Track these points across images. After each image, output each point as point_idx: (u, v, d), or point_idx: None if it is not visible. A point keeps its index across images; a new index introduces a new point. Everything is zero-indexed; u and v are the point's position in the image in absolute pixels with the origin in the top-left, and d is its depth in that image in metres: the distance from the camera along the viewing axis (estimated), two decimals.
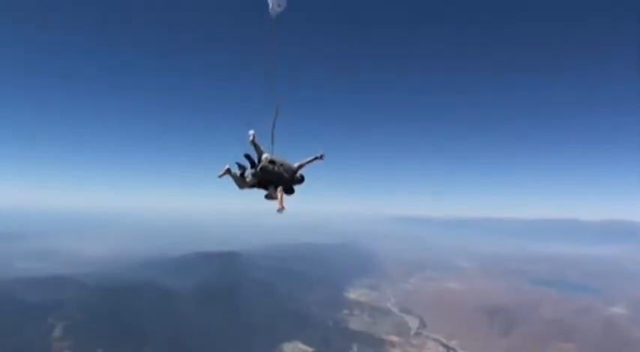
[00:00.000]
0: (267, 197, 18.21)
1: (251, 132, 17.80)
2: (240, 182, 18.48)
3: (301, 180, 18.48)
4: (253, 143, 17.95)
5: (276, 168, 18.15)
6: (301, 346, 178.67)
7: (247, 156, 18.36)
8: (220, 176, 18.51)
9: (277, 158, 18.17)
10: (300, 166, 18.65)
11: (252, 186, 18.54)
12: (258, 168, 18.30)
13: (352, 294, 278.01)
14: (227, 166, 18.43)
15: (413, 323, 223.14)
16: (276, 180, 18.16)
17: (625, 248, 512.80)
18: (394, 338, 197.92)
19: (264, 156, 18.28)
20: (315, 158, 18.70)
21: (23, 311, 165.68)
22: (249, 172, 18.55)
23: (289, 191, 18.26)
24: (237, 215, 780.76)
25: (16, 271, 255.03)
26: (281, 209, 17.72)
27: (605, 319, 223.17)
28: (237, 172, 18.59)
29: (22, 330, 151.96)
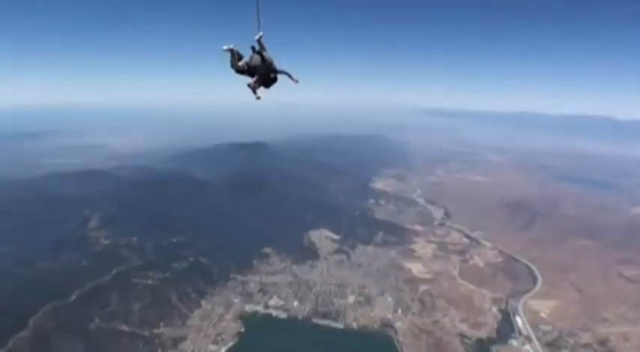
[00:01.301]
0: (249, 86, 20.02)
1: (260, 33, 19.58)
2: (234, 62, 20.04)
3: (274, 80, 20.56)
4: (259, 41, 19.78)
5: (262, 66, 20.12)
6: (327, 233, 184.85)
7: (252, 48, 20.12)
8: (224, 50, 19.90)
9: (268, 57, 20.01)
10: (280, 71, 20.59)
11: (242, 71, 20.17)
12: (250, 59, 20.12)
13: (378, 185, 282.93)
14: (232, 46, 20.03)
15: (437, 213, 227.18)
16: (260, 72, 20.09)
17: None
18: (418, 228, 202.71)
19: (265, 55, 20.09)
20: (290, 77, 20.88)
21: (59, 205, 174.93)
22: (245, 60, 20.12)
23: (266, 85, 20.48)
24: (262, 106, 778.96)
25: (52, 167, 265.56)
26: (258, 97, 20.41)
27: (627, 218, 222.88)
28: (237, 55, 20.15)
29: (60, 223, 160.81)
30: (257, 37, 19.60)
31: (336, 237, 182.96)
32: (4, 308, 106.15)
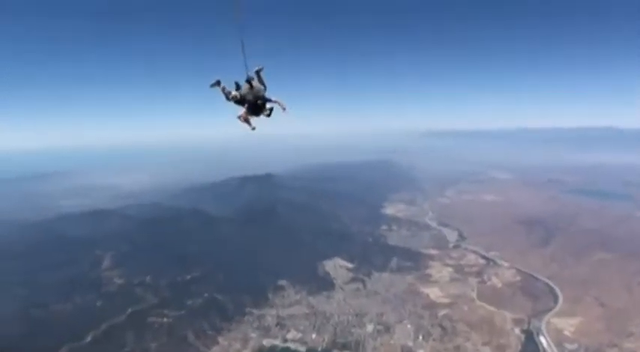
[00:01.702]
0: (239, 117, 19.74)
1: (260, 66, 19.48)
2: (227, 94, 19.89)
3: (263, 108, 19.87)
4: (258, 73, 19.56)
5: (250, 93, 19.74)
6: (342, 262, 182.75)
7: (248, 80, 19.67)
8: (211, 86, 19.85)
9: (256, 85, 19.63)
10: (269, 99, 20.04)
11: (237, 101, 19.91)
12: (243, 90, 19.94)
13: (389, 210, 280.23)
14: (218, 79, 19.92)
15: (451, 236, 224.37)
16: (248, 100, 19.77)
17: None
18: (433, 252, 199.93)
19: (253, 83, 19.76)
20: (280, 105, 20.01)
21: (71, 246, 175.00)
22: (239, 91, 19.91)
23: (256, 113, 19.92)
24: (266, 139, 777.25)
25: (61, 208, 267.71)
26: (253, 128, 20.15)
27: None
28: (229, 89, 19.93)
29: (72, 264, 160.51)
30: (256, 69, 19.53)
31: (350, 265, 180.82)
32: None
